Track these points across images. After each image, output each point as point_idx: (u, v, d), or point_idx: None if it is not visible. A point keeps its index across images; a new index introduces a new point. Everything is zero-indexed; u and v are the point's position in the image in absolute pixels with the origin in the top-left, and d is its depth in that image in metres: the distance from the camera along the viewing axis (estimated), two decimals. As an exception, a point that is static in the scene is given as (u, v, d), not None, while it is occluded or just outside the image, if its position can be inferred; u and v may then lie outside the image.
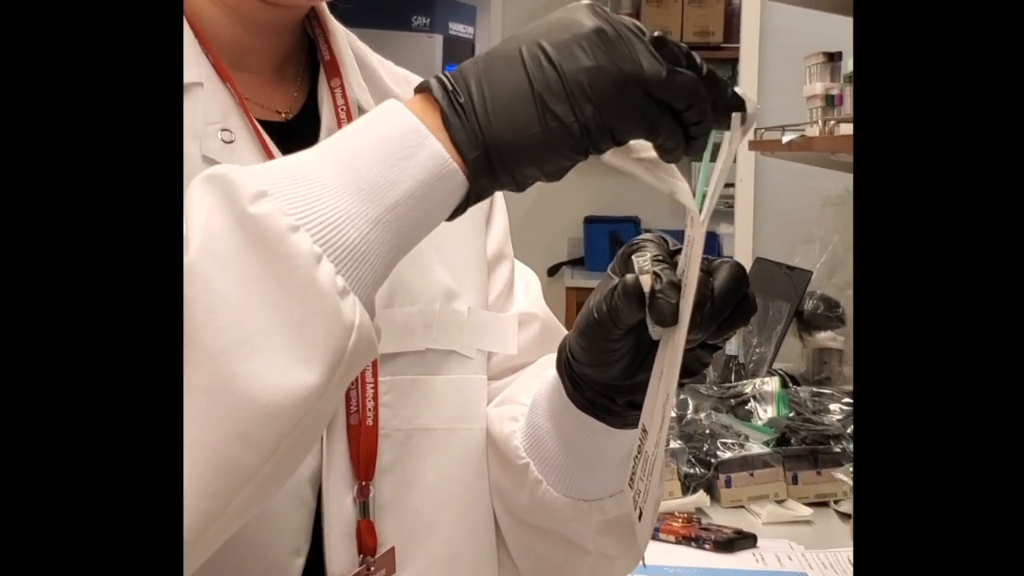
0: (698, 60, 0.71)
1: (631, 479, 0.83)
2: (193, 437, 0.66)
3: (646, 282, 0.78)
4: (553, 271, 5.55)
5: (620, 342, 0.81)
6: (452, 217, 0.74)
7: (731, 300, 0.78)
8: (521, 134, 0.70)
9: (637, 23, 0.70)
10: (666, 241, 0.82)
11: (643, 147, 0.73)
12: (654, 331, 0.79)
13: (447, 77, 0.71)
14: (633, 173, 0.74)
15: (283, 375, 0.67)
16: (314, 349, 0.68)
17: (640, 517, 0.82)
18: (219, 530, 0.69)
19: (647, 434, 0.80)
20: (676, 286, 0.77)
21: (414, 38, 5.67)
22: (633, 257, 0.79)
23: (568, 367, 0.86)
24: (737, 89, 0.73)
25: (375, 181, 0.70)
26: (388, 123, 0.71)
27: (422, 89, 0.73)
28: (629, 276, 0.79)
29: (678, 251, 0.80)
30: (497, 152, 0.71)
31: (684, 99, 0.70)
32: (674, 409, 1.95)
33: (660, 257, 0.79)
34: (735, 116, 0.72)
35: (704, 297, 0.77)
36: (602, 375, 0.83)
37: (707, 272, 0.79)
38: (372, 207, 0.70)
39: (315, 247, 0.68)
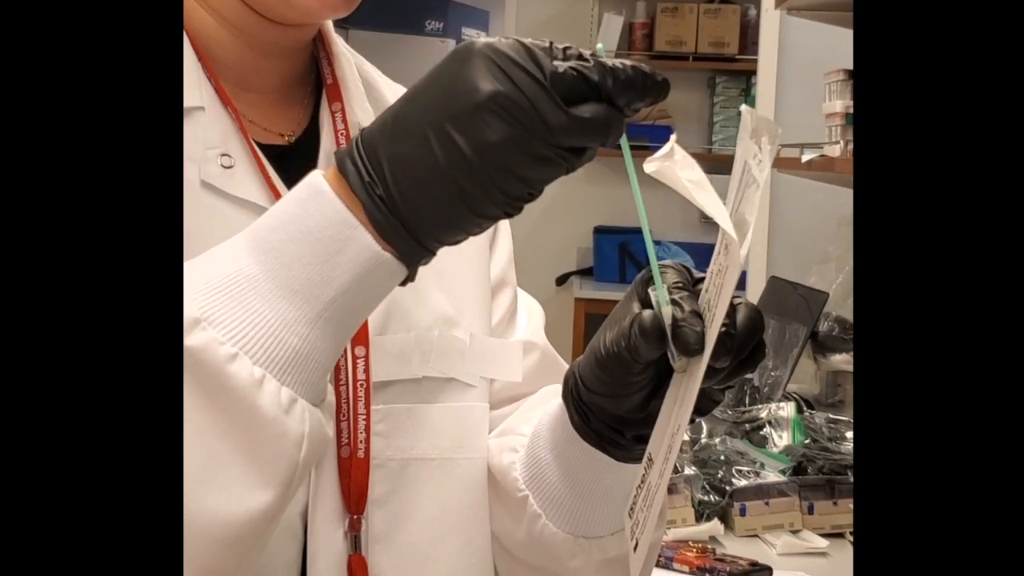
0: (598, 77, 0.68)
1: (631, 509, 0.80)
2: None
3: (667, 314, 0.75)
4: (561, 281, 5.53)
5: (641, 375, 0.79)
6: (404, 283, 0.74)
7: (751, 338, 0.77)
8: (445, 216, 0.70)
9: (532, 50, 0.68)
10: (688, 270, 0.79)
11: (690, 164, 0.72)
12: (678, 363, 0.76)
13: (360, 157, 0.70)
14: (677, 189, 0.72)
15: (240, 504, 0.70)
16: (267, 472, 0.70)
17: (635, 548, 0.80)
18: None
19: (652, 464, 0.78)
20: (698, 315, 0.75)
21: (427, 42, 5.67)
22: (650, 291, 0.77)
23: (576, 396, 0.84)
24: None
25: (309, 279, 0.71)
26: (315, 212, 0.71)
27: (338, 162, 0.72)
28: (646, 313, 0.76)
29: (700, 279, 0.78)
30: (426, 235, 0.71)
31: (593, 138, 0.69)
32: (687, 435, 1.92)
33: (680, 284, 0.77)
34: (764, 140, 0.70)
35: (727, 331, 0.75)
36: (615, 406, 0.82)
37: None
38: (309, 307, 0.71)
39: (255, 370, 0.70)
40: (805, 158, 2.61)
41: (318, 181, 0.71)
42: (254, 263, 0.71)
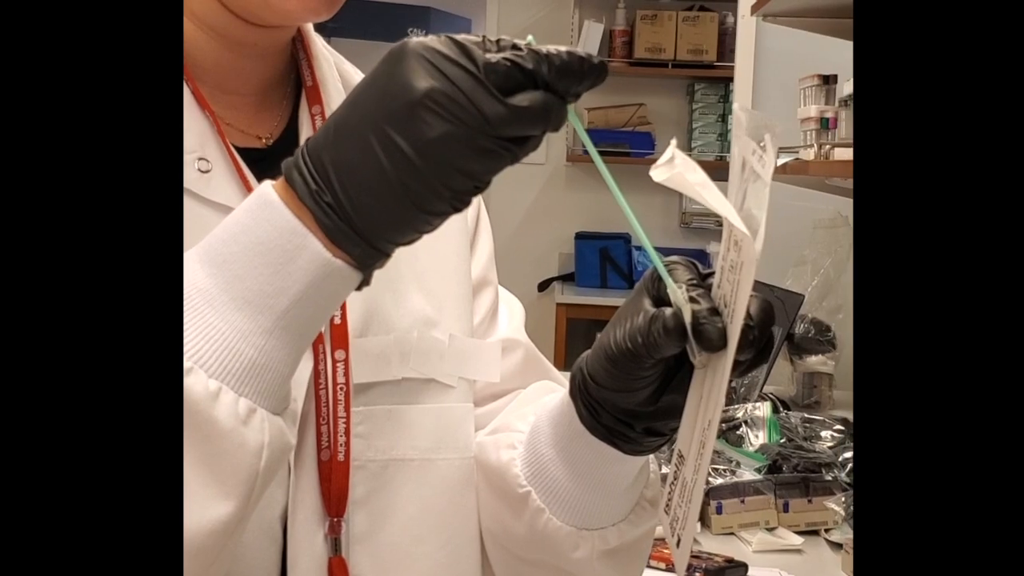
0: (532, 64, 0.68)
1: (667, 505, 0.81)
2: None
3: (688, 312, 0.75)
4: (543, 286, 5.54)
5: (651, 369, 0.79)
6: (359, 288, 0.74)
7: (767, 330, 0.77)
8: (394, 218, 0.70)
9: (463, 44, 0.68)
10: (695, 265, 0.80)
11: (692, 167, 0.72)
12: (699, 359, 0.77)
13: (306, 166, 0.70)
14: (686, 192, 0.73)
15: (202, 515, 0.70)
16: (227, 483, 0.70)
17: (679, 544, 0.80)
18: None
19: (684, 460, 0.79)
20: (716, 311, 0.75)
21: (407, 50, 5.68)
22: (669, 288, 0.77)
23: (584, 391, 0.84)
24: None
25: (262, 290, 0.70)
26: (264, 223, 0.71)
27: (285, 172, 0.71)
28: (667, 311, 0.76)
29: (709, 275, 0.78)
30: (377, 237, 0.70)
31: (532, 125, 0.68)
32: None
33: (694, 281, 0.77)
34: (767, 137, 0.71)
35: (747, 324, 0.75)
36: (625, 400, 0.81)
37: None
38: (264, 318, 0.71)
39: (210, 383, 0.69)
40: (780, 161, 2.64)
41: (267, 192, 0.71)
42: (207, 276, 0.71)
